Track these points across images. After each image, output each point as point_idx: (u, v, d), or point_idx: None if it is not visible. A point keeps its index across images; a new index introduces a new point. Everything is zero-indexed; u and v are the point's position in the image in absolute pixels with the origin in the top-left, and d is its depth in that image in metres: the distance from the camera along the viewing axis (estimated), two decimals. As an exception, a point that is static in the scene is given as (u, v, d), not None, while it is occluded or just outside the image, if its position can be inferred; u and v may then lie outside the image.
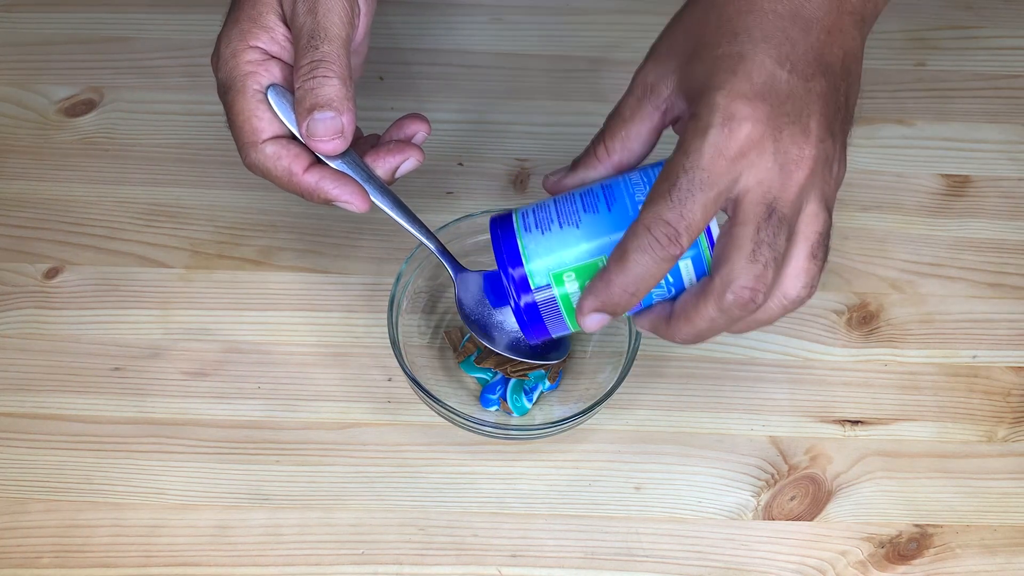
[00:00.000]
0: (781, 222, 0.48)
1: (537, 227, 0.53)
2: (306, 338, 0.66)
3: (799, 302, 0.50)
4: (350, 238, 0.70)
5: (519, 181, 0.72)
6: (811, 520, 0.62)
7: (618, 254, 0.49)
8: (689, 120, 0.48)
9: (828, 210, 0.50)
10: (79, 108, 0.74)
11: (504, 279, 0.53)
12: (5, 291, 0.67)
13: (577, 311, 0.51)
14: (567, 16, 0.80)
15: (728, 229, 0.48)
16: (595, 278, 0.50)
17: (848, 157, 0.74)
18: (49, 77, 0.75)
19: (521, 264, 0.52)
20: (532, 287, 0.52)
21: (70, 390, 0.64)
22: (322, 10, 0.54)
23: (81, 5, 0.78)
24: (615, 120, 0.53)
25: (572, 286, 0.52)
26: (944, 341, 0.67)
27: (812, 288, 0.50)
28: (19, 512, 0.60)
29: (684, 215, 0.47)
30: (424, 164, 0.72)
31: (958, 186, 0.73)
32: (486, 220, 0.64)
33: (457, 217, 0.64)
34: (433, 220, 0.63)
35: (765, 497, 0.62)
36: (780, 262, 0.48)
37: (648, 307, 0.53)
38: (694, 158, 0.47)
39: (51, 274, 0.67)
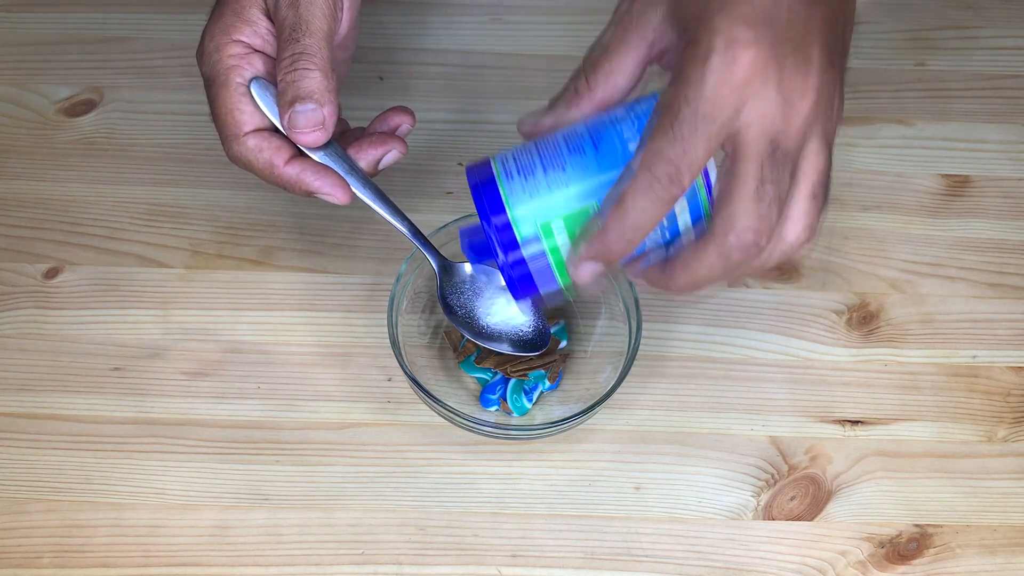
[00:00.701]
0: (785, 158, 0.45)
1: (519, 173, 0.49)
2: (306, 338, 0.66)
3: (798, 247, 0.47)
4: (350, 238, 0.70)
5: (519, 181, 0.72)
6: (811, 520, 0.62)
7: (615, 197, 0.46)
8: (686, 47, 0.45)
9: (829, 147, 0.47)
10: (79, 108, 0.74)
11: (487, 232, 0.49)
12: (5, 291, 0.67)
13: (569, 261, 0.48)
14: (567, 16, 0.80)
15: (729, 166, 0.45)
16: (589, 224, 0.47)
17: (848, 157, 0.75)
18: (49, 77, 0.75)
19: (505, 215, 0.49)
20: (519, 240, 0.49)
21: (70, 390, 0.64)
22: (304, 4, 0.54)
23: (81, 5, 0.78)
24: (597, 52, 0.49)
25: (561, 235, 0.49)
26: (944, 341, 0.67)
27: (812, 232, 0.47)
28: (19, 512, 0.60)
29: (688, 151, 0.44)
30: (424, 164, 0.72)
31: (958, 186, 0.73)
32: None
33: (456, 217, 0.64)
34: (433, 220, 0.63)
35: (765, 497, 0.62)
36: (783, 202, 0.46)
37: (641, 255, 0.49)
38: (696, 87, 0.44)
39: (51, 274, 0.67)
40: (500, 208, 0.49)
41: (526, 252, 0.49)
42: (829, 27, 0.46)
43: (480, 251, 0.54)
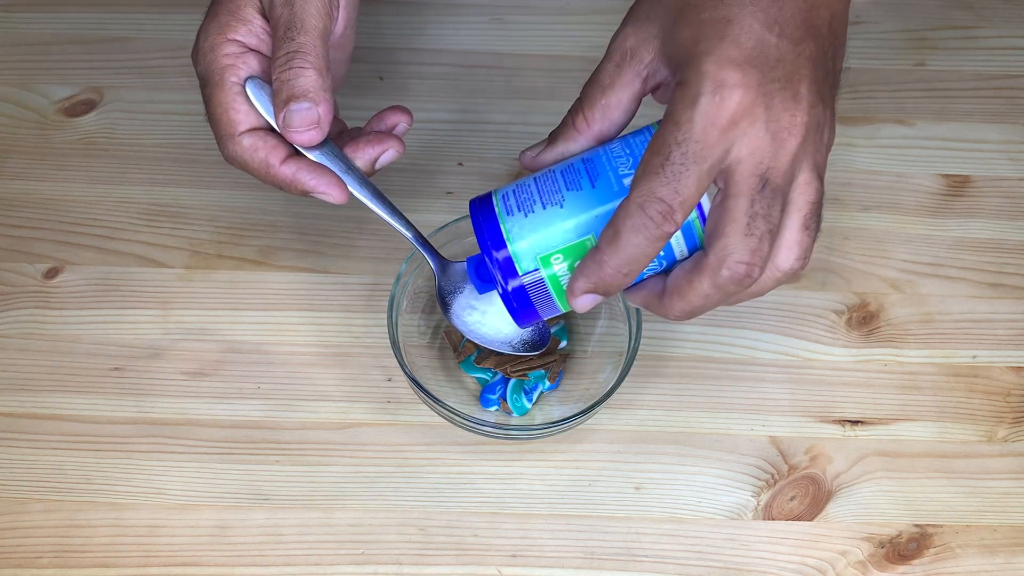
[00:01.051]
0: (775, 193, 0.46)
1: (519, 209, 0.51)
2: (306, 338, 0.66)
3: (791, 274, 0.49)
4: (350, 238, 0.70)
5: (519, 181, 0.72)
6: (811, 520, 0.62)
7: (610, 234, 0.47)
8: (676, 89, 0.46)
9: (820, 178, 0.48)
10: (79, 108, 0.74)
11: (490, 265, 0.51)
12: (5, 291, 0.67)
13: (568, 293, 0.50)
14: (567, 16, 0.80)
15: (720, 202, 0.46)
16: (586, 259, 0.48)
17: (848, 157, 0.75)
18: (49, 77, 0.75)
19: (506, 250, 0.50)
20: (519, 272, 0.51)
21: (70, 390, 0.64)
22: (299, 2, 0.54)
23: (81, 5, 0.78)
24: (593, 88, 0.51)
25: (560, 267, 0.50)
26: (944, 341, 0.67)
27: (805, 260, 0.48)
28: (19, 512, 0.60)
29: (679, 191, 0.45)
30: (424, 164, 0.72)
31: (958, 186, 0.73)
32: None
33: (456, 217, 0.64)
34: (432, 220, 0.63)
35: (765, 497, 0.62)
36: (775, 234, 0.47)
37: (639, 283, 0.51)
38: (686, 129, 0.45)
39: (51, 274, 0.67)
40: (501, 243, 0.51)
41: (527, 282, 0.51)
42: (818, 63, 0.47)
43: (485, 279, 0.56)
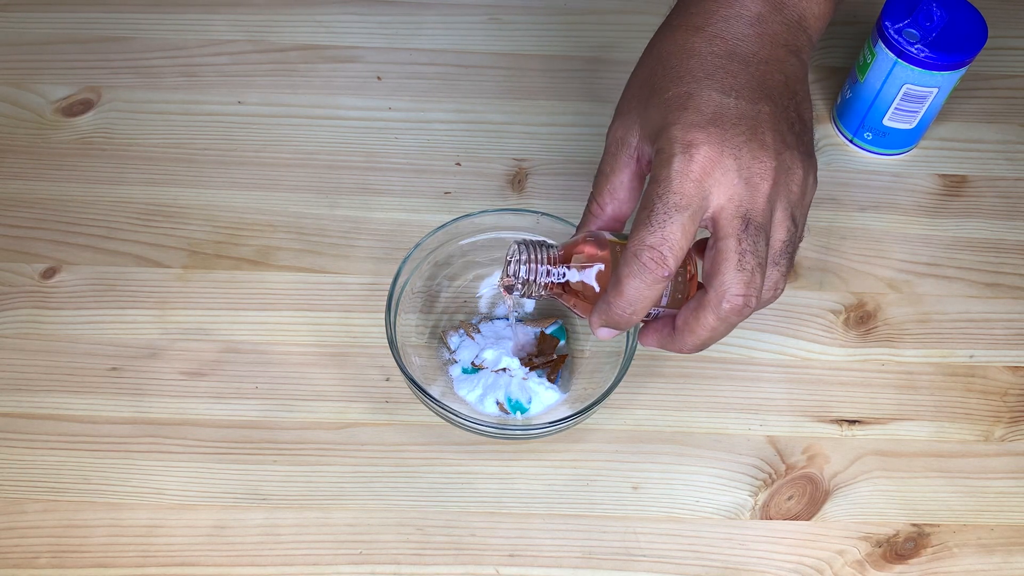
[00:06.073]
0: (759, 230, 0.51)
1: None
2: (304, 338, 0.66)
3: (765, 303, 0.54)
4: (348, 238, 0.70)
5: (517, 181, 0.72)
6: (808, 519, 0.62)
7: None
8: (655, 156, 0.52)
9: (793, 219, 0.53)
10: (76, 108, 0.74)
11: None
12: (2, 291, 0.67)
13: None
14: (564, 16, 0.80)
15: (713, 244, 0.52)
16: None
17: (846, 157, 0.75)
18: (46, 77, 0.75)
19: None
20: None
21: (67, 390, 0.64)
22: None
23: (78, 5, 0.78)
24: (599, 178, 0.57)
25: None
26: (941, 341, 0.67)
27: (777, 291, 0.54)
28: (17, 512, 0.60)
29: (666, 237, 0.50)
30: (422, 164, 0.72)
31: (955, 186, 0.73)
32: (484, 220, 0.64)
33: (455, 217, 0.64)
34: (430, 220, 0.63)
35: (763, 496, 0.62)
36: (764, 266, 0.52)
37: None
38: (664, 184, 0.51)
39: (48, 274, 0.67)
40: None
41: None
42: (778, 117, 0.53)
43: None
